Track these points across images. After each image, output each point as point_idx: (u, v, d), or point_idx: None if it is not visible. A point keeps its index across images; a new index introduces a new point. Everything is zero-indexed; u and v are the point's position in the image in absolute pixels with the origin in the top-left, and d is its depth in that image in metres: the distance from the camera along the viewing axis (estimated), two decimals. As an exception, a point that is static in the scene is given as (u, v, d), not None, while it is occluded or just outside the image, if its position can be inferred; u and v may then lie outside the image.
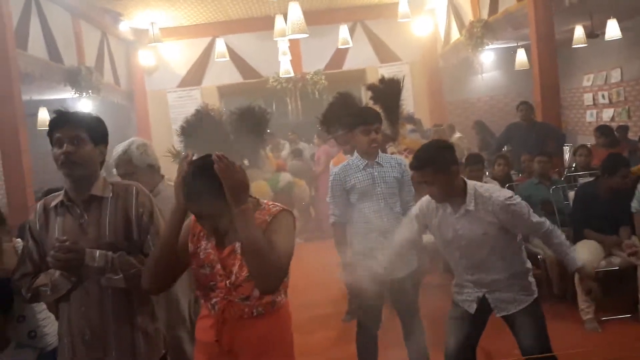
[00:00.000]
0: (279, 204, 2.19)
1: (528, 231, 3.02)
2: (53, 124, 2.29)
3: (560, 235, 2.94)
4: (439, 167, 2.78)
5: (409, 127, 5.45)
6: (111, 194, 2.33)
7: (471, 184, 2.89)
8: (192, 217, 2.15)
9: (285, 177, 5.44)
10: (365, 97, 5.68)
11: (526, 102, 7.39)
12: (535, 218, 2.88)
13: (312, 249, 8.88)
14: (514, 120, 7.76)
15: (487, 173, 6.30)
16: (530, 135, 6.97)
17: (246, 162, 5.34)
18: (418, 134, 5.46)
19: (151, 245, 2.30)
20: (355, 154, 3.58)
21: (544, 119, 7.10)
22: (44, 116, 9.85)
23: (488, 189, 2.88)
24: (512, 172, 6.60)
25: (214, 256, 2.08)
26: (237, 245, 2.06)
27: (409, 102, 11.79)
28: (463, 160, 5.62)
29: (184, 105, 11.73)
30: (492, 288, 2.94)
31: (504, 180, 6.04)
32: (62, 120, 2.27)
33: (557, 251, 2.99)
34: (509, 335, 3.04)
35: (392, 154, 5.25)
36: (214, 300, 2.09)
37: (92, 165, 2.29)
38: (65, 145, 2.23)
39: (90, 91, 9.16)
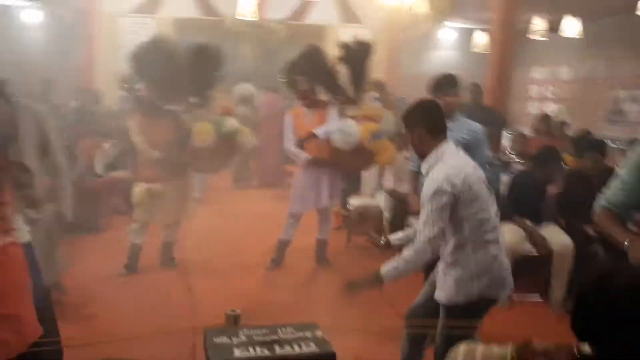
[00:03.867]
0: None
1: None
2: None
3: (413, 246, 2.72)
4: (407, 126, 2.86)
5: (372, 94, 5.43)
6: None
7: (440, 152, 2.75)
8: None
9: (231, 122, 5.31)
10: (332, 53, 5.58)
11: (476, 84, 7.51)
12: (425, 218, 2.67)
13: (246, 197, 8.92)
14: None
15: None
16: (475, 117, 7.09)
17: (192, 100, 5.20)
18: (380, 103, 5.45)
19: (9, 153, 2.48)
20: None
21: (492, 104, 7.25)
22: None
23: (443, 166, 2.71)
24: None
25: None
26: None
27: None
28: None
29: (135, 32, 11.29)
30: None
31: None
32: None
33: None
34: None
35: (349, 117, 5.26)
36: None
37: None
38: None
39: (38, 1, 8.68)
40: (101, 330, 3.83)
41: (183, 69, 5.02)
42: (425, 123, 2.80)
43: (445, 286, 2.81)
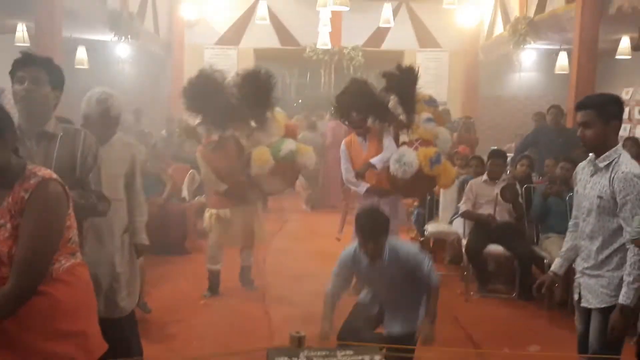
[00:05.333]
0: (43, 171, 2.00)
1: (623, 218, 2.72)
2: (18, 63, 2.48)
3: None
4: (601, 114, 2.80)
5: (424, 116, 5.37)
6: (61, 133, 2.58)
7: (620, 148, 2.83)
8: None
9: (289, 144, 5.21)
10: (379, 84, 5.60)
11: (557, 106, 7.31)
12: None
13: (317, 219, 9.02)
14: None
15: (508, 171, 6.29)
16: (557, 140, 6.91)
17: (253, 123, 5.25)
18: (434, 123, 5.39)
19: (91, 183, 2.63)
20: None
21: (575, 126, 7.02)
22: (81, 55, 10.00)
23: (632, 162, 2.80)
24: (533, 174, 6.57)
25: None
26: None
27: (442, 92, 11.73)
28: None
29: (219, 63, 11.72)
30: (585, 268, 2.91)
31: (523, 181, 6.03)
32: (27, 60, 2.49)
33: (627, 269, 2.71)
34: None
35: (403, 143, 5.26)
36: None
37: (47, 104, 2.52)
38: (26, 83, 2.45)
39: (129, 36, 9.26)
40: (182, 350, 4.01)
41: (234, 97, 5.09)
42: (621, 118, 2.85)
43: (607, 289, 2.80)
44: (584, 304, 2.91)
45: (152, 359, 3.27)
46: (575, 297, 3.01)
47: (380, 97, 5.26)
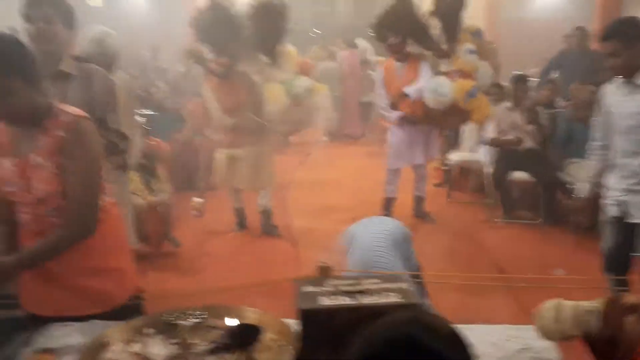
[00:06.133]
0: (71, 109, 1.96)
1: None
2: (27, 1, 2.44)
3: None
4: (626, 41, 2.83)
5: (467, 47, 5.21)
6: (77, 73, 2.55)
7: None
8: None
9: (304, 81, 4.96)
10: (423, 6, 5.43)
11: (582, 28, 7.08)
12: None
13: (336, 151, 8.99)
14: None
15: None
16: (583, 64, 6.73)
17: (264, 58, 5.04)
18: (476, 56, 5.19)
19: (109, 121, 2.61)
20: None
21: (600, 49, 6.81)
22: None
23: None
24: (558, 99, 6.45)
25: (12, 171, 1.93)
26: (32, 156, 1.90)
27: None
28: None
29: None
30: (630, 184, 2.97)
31: (548, 106, 5.93)
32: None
33: None
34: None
35: (442, 73, 5.14)
36: (24, 216, 1.98)
37: (60, 43, 2.49)
38: (37, 22, 2.42)
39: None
40: (211, 282, 4.12)
41: (246, 28, 4.89)
42: None
43: None
44: (632, 220, 2.97)
45: (182, 290, 3.36)
46: (616, 214, 3.06)
47: (423, 20, 5.09)
